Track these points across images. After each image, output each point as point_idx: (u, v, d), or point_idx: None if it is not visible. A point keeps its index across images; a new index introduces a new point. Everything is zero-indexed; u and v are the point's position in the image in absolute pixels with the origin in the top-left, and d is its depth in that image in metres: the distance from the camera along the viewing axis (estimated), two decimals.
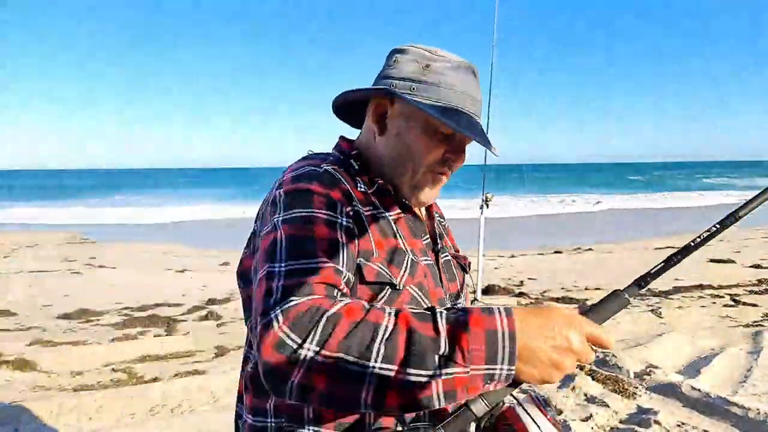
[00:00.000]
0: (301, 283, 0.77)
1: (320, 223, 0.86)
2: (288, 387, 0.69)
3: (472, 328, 0.69)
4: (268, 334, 0.70)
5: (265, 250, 0.84)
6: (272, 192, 0.96)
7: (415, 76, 0.99)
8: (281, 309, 0.72)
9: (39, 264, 10.13)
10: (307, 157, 1.05)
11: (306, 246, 0.82)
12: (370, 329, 0.69)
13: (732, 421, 3.09)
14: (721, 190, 34.31)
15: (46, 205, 29.06)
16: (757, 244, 10.99)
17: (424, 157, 1.01)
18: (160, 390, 3.80)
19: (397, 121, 1.02)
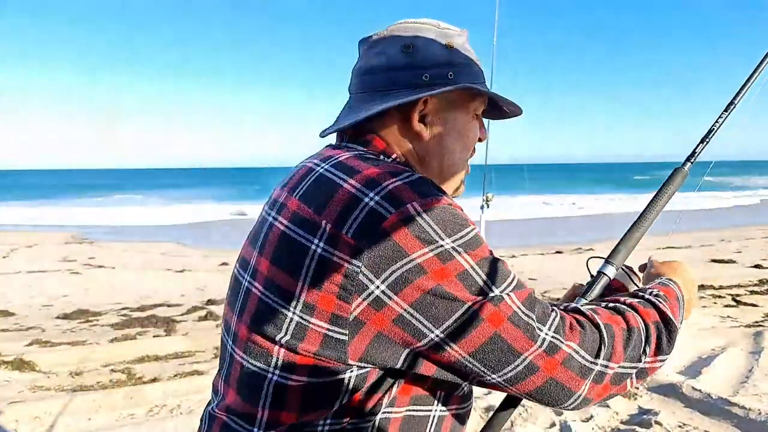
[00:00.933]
0: (532, 299, 0.74)
1: (483, 239, 0.77)
2: (573, 398, 0.74)
3: (670, 298, 0.87)
4: (556, 354, 0.71)
5: (455, 282, 0.70)
6: (376, 205, 0.71)
7: (446, 60, 0.87)
8: (552, 329, 0.72)
9: (38, 264, 10.13)
10: (369, 156, 0.83)
11: (498, 265, 0.74)
12: (639, 336, 0.78)
13: (733, 422, 3.08)
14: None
15: (45, 205, 29.06)
16: (758, 245, 10.99)
17: (471, 143, 0.95)
18: (159, 390, 3.79)
19: (440, 116, 0.89)
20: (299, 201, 0.77)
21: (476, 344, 0.70)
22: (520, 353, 0.70)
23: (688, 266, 0.99)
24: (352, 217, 0.71)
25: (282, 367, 0.75)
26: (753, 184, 40.08)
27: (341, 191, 0.73)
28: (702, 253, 9.98)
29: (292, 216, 0.76)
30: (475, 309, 0.69)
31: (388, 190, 0.72)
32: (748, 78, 1.09)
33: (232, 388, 0.82)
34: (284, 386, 0.76)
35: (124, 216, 23.16)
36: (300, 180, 0.80)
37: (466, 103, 0.91)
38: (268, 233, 0.79)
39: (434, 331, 0.70)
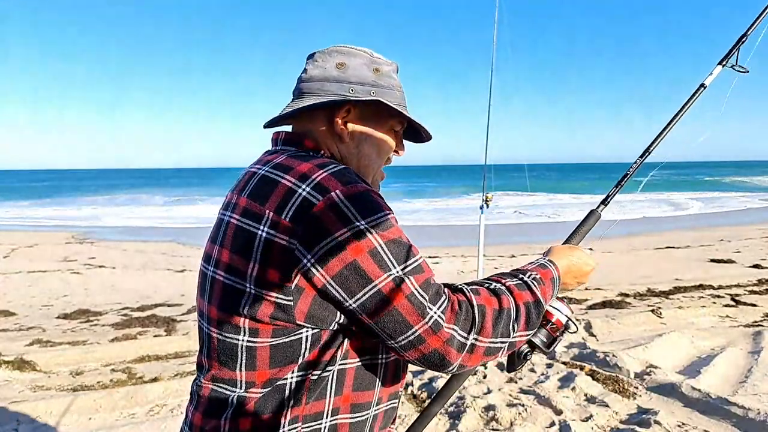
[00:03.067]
0: (428, 280, 0.89)
1: (395, 222, 0.92)
2: (451, 367, 0.90)
3: (546, 281, 1.03)
4: (439, 332, 0.87)
5: (368, 257, 0.86)
6: (316, 195, 0.87)
7: (371, 80, 1.05)
8: (440, 309, 0.88)
9: (39, 264, 10.13)
10: (301, 154, 0.99)
11: (404, 246, 0.90)
12: (508, 315, 0.93)
13: (732, 422, 3.08)
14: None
15: (46, 204, 29.05)
16: (757, 244, 10.99)
17: (386, 153, 1.12)
18: (160, 390, 3.80)
19: (360, 124, 1.07)
20: (247, 198, 0.94)
21: (379, 315, 0.87)
22: (412, 326, 0.87)
23: (578, 252, 1.16)
24: (289, 205, 0.88)
25: (249, 333, 0.92)
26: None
27: (280, 186, 0.90)
28: (701, 253, 9.99)
29: (242, 211, 0.93)
30: (381, 286, 0.86)
31: (316, 181, 0.89)
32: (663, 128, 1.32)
33: (214, 360, 0.98)
34: (254, 349, 0.93)
35: (125, 216, 23.16)
36: (246, 182, 0.97)
37: (384, 118, 1.09)
38: (226, 229, 0.96)
39: (349, 300, 0.88)
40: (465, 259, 9.75)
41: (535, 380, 3.78)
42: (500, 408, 3.28)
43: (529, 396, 3.49)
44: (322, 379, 0.95)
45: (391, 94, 1.07)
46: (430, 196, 34.22)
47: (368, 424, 1.02)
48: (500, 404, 3.35)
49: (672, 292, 6.71)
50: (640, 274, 7.97)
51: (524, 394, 3.53)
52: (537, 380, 3.77)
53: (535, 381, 3.76)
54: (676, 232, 14.11)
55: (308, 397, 0.94)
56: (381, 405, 1.03)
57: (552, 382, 3.69)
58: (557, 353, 4.31)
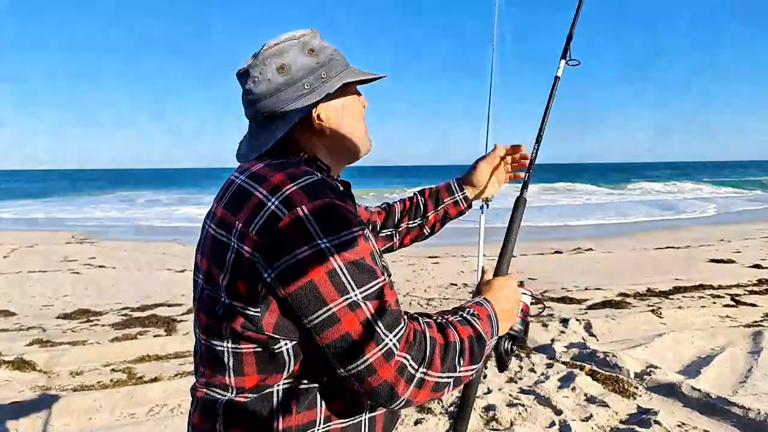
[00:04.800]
0: (384, 307, 0.87)
1: (362, 239, 0.89)
2: (398, 401, 0.87)
3: (483, 318, 1.01)
4: (391, 361, 0.85)
5: (321, 282, 0.84)
6: (282, 209, 0.86)
7: (314, 64, 1.02)
8: (396, 337, 0.86)
9: (39, 264, 10.13)
10: (278, 163, 0.96)
11: (366, 268, 0.87)
12: (454, 350, 0.91)
13: (732, 422, 3.09)
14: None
15: (46, 205, 29.05)
16: (757, 244, 10.99)
17: (361, 116, 1.13)
18: (160, 390, 3.80)
19: (333, 114, 1.06)
20: (223, 209, 0.95)
21: (332, 339, 0.85)
22: (364, 353, 0.84)
23: (505, 286, 1.15)
24: (257, 219, 0.88)
25: (231, 341, 0.94)
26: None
27: (252, 197, 0.90)
28: (701, 253, 9.98)
29: (218, 221, 0.95)
30: (335, 310, 0.84)
31: (285, 195, 0.88)
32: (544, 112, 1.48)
33: (205, 365, 0.99)
34: (239, 355, 0.94)
35: (125, 216, 23.16)
36: (225, 192, 0.98)
37: (344, 90, 1.06)
38: (206, 238, 0.98)
39: (304, 320, 0.86)
40: (465, 259, 9.75)
41: (535, 380, 3.78)
42: (500, 408, 3.28)
43: (529, 396, 3.49)
44: (310, 390, 0.95)
45: (335, 65, 1.05)
46: None
47: (364, 428, 1.01)
48: (500, 404, 3.35)
49: (672, 292, 6.71)
50: (640, 274, 7.97)
51: (524, 394, 3.54)
52: (537, 380, 3.77)
53: (535, 381, 3.76)
54: (677, 232, 14.11)
55: (298, 407, 0.94)
56: (377, 411, 1.03)
57: (552, 382, 3.70)
58: (557, 353, 4.31)
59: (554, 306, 6.22)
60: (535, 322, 5.34)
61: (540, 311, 3.96)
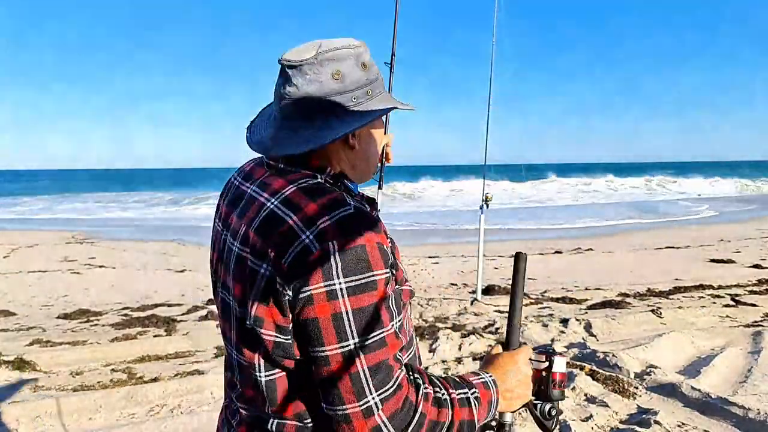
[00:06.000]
0: (379, 363, 0.85)
1: (381, 285, 0.88)
2: None
3: (483, 402, 0.98)
4: (368, 419, 0.84)
5: (330, 320, 0.85)
6: (309, 243, 0.86)
7: (364, 80, 1.00)
8: (380, 397, 0.84)
9: (39, 264, 10.13)
10: (310, 186, 0.94)
11: (373, 317, 0.86)
12: (440, 428, 0.89)
13: (732, 422, 3.09)
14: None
15: (46, 204, 29.06)
16: (757, 244, 10.99)
17: (382, 142, 1.13)
18: (160, 390, 3.80)
19: (365, 133, 1.06)
20: (254, 233, 0.93)
21: (321, 376, 0.87)
22: (344, 404, 0.84)
23: (512, 362, 1.08)
24: (290, 250, 0.87)
25: (264, 365, 0.94)
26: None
27: (286, 226, 0.89)
28: (701, 253, 9.99)
29: (250, 246, 0.93)
30: (330, 354, 0.85)
31: (320, 229, 0.87)
32: None
33: (244, 385, 1.00)
34: (273, 380, 0.94)
35: (126, 215, 23.16)
36: (256, 213, 0.95)
37: (379, 118, 1.05)
38: (236, 262, 0.96)
39: (307, 353, 0.88)
40: (465, 260, 9.75)
41: None
42: None
43: None
44: None
45: (379, 83, 1.04)
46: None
47: None
48: None
49: (672, 292, 6.71)
50: (640, 274, 7.97)
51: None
52: None
53: None
54: (677, 232, 14.11)
55: None
56: None
57: None
58: None
59: (554, 306, 6.22)
60: (535, 322, 5.34)
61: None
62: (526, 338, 4.80)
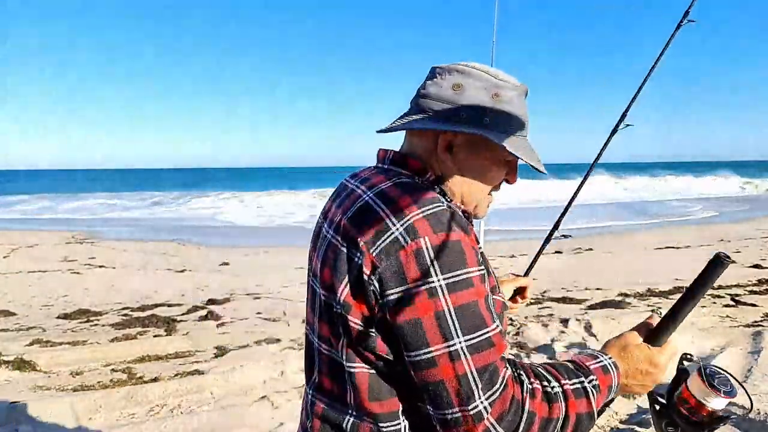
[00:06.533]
0: (487, 364, 0.83)
1: (478, 282, 0.86)
2: None
3: (602, 388, 0.93)
4: (478, 425, 0.82)
5: (433, 320, 0.83)
6: (405, 237, 0.85)
7: (486, 105, 0.99)
8: (488, 400, 0.82)
9: (39, 264, 10.13)
10: (407, 184, 0.96)
11: (476, 315, 0.84)
12: (554, 425, 0.86)
13: (732, 422, 3.08)
14: None
15: (46, 204, 29.05)
16: (757, 244, 10.99)
17: (492, 182, 1.06)
18: (160, 390, 3.80)
19: (465, 149, 1.02)
20: (348, 223, 0.93)
21: (426, 380, 0.84)
22: (454, 406, 0.82)
23: (648, 361, 1.01)
24: (380, 241, 0.87)
25: (347, 354, 0.93)
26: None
27: (378, 218, 0.89)
28: (701, 253, 9.99)
29: (342, 234, 0.93)
30: (435, 355, 0.83)
31: (410, 222, 0.86)
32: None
33: (324, 376, 0.99)
34: (353, 374, 0.92)
35: (125, 216, 23.16)
36: (352, 204, 0.96)
37: (492, 149, 1.01)
38: (327, 248, 0.96)
39: (405, 354, 0.86)
40: None
41: None
42: None
43: None
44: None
45: (507, 122, 1.00)
46: None
47: None
48: None
49: (672, 292, 6.71)
50: (640, 274, 7.97)
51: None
52: None
53: None
54: (677, 232, 14.11)
55: None
56: None
57: None
58: (557, 353, 4.31)
59: (554, 306, 6.22)
60: (535, 322, 5.34)
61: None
62: (526, 338, 4.80)
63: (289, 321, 5.95)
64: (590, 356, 0.98)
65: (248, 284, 8.17)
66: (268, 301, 7.01)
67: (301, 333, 5.43)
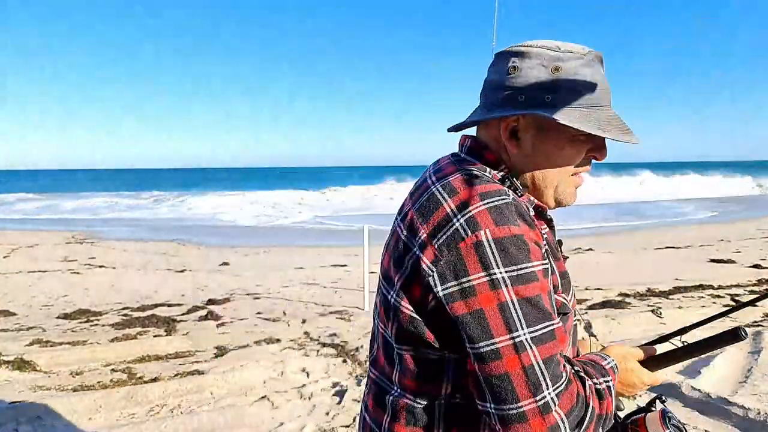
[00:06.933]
0: (551, 356, 0.83)
1: (541, 276, 0.86)
2: None
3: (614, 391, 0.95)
4: (546, 416, 0.81)
5: (497, 310, 0.82)
6: (466, 229, 0.85)
7: (546, 83, 0.93)
8: (555, 392, 0.82)
9: (39, 264, 10.13)
10: (474, 175, 0.94)
11: (539, 307, 0.84)
12: (603, 422, 0.89)
13: (732, 422, 3.09)
14: None
15: (46, 204, 29.06)
16: (757, 244, 10.99)
17: (568, 163, 0.99)
18: (160, 390, 3.80)
19: (531, 135, 0.97)
20: (414, 212, 0.94)
21: (490, 373, 0.82)
22: (520, 399, 0.81)
23: (636, 375, 1.11)
24: (441, 233, 0.87)
25: (396, 338, 0.95)
26: None
27: (441, 209, 0.89)
28: (701, 253, 9.99)
29: (407, 223, 0.94)
30: (500, 346, 0.81)
31: (471, 214, 0.86)
32: None
33: (380, 352, 1.03)
34: (401, 356, 0.95)
35: (126, 215, 23.16)
36: (420, 195, 0.96)
37: (559, 128, 0.94)
38: (392, 235, 0.99)
39: (467, 346, 0.84)
40: None
41: None
42: None
43: None
44: (472, 416, 0.91)
45: (571, 96, 0.93)
46: None
47: None
48: None
49: (672, 292, 6.71)
50: (640, 274, 7.97)
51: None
52: None
53: None
54: (677, 232, 14.11)
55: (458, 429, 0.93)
56: None
57: None
58: None
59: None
60: None
61: None
62: None
63: (289, 321, 5.95)
64: (599, 356, 1.00)
65: (248, 284, 8.17)
66: (268, 301, 7.01)
67: (300, 333, 5.43)
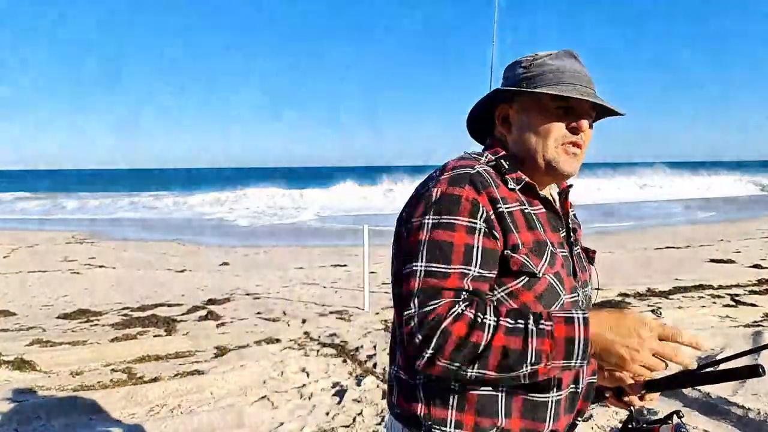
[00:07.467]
0: (434, 287, 0.97)
1: (461, 230, 1.00)
2: (416, 363, 0.96)
3: (556, 337, 0.92)
4: (408, 327, 0.97)
5: (412, 246, 1.02)
6: (428, 187, 1.05)
7: (522, 76, 1.13)
8: (417, 312, 0.96)
9: (39, 264, 10.14)
10: (463, 157, 1.12)
11: (443, 251, 0.99)
12: (471, 347, 0.92)
13: (732, 422, 3.09)
14: None
15: (45, 204, 29.05)
16: (757, 244, 10.99)
17: (548, 136, 1.11)
18: (160, 390, 3.80)
19: (518, 117, 1.15)
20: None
21: (396, 292, 1.03)
22: (402, 311, 0.98)
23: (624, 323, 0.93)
24: (419, 189, 1.10)
25: (396, 319, 1.06)
26: None
27: (428, 177, 1.11)
28: (701, 253, 9.99)
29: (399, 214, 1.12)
30: (406, 271, 1.00)
31: (439, 179, 1.06)
32: None
33: (393, 334, 1.17)
34: (394, 331, 1.13)
35: (126, 215, 23.16)
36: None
37: (537, 104, 1.11)
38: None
39: (393, 269, 1.07)
40: None
41: None
42: None
43: None
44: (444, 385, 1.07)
45: (542, 79, 1.10)
46: None
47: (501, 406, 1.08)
48: None
49: (672, 292, 6.71)
50: (640, 274, 7.97)
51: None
52: None
53: None
54: (677, 232, 14.11)
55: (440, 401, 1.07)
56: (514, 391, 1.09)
57: None
58: None
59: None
60: None
61: None
62: None
63: (289, 321, 5.95)
64: (562, 311, 0.96)
65: (248, 284, 8.17)
66: (268, 301, 7.01)
67: (300, 333, 5.43)
